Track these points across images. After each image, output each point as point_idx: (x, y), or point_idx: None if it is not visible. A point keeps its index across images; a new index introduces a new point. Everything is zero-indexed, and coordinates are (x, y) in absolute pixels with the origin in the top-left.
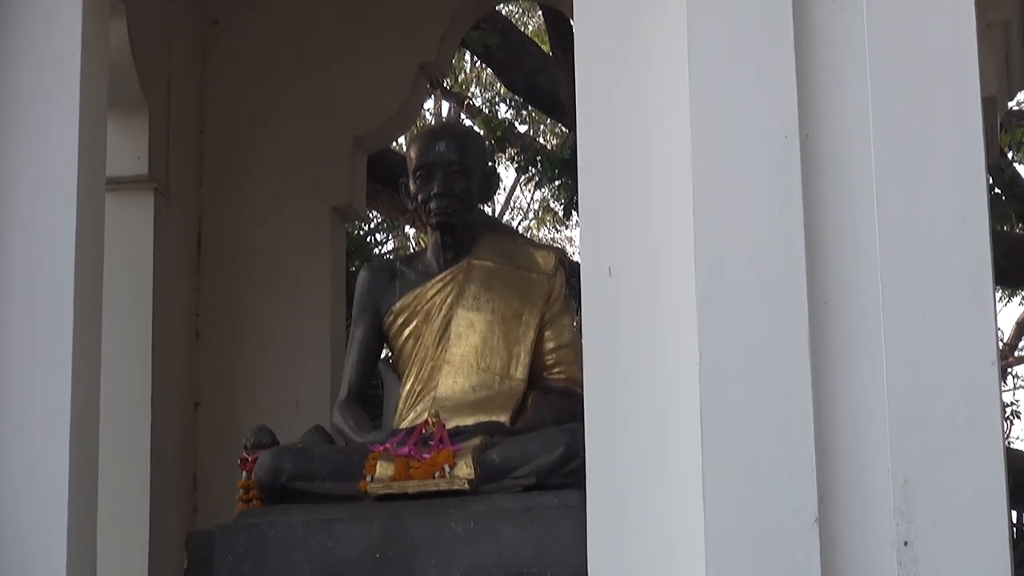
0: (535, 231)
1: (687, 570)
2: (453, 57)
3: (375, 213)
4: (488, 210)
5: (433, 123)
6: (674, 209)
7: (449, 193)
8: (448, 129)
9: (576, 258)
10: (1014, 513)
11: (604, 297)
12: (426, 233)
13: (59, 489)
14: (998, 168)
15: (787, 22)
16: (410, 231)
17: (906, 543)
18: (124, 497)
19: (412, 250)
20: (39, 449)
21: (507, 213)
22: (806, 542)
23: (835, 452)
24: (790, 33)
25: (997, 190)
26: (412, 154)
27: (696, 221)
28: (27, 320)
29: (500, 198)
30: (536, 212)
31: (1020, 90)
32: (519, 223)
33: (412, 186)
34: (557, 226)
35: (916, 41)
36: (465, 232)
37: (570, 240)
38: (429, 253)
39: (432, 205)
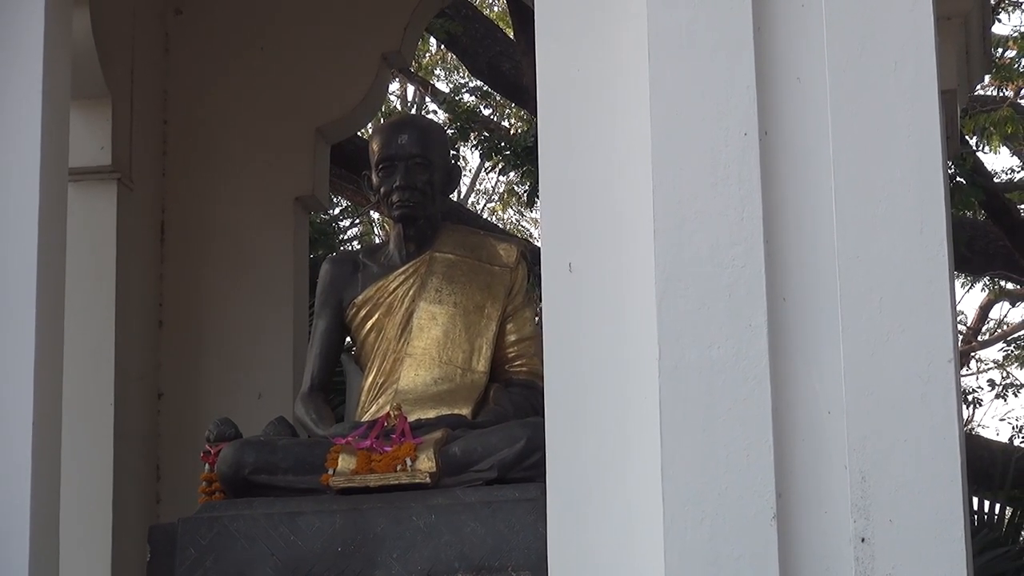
0: (500, 213)
1: (646, 564)
2: (416, 46)
3: (339, 199)
4: (453, 195)
5: (396, 113)
6: (634, 205)
7: (411, 186)
8: (411, 122)
9: (539, 242)
10: (975, 500)
11: (564, 293)
12: (390, 220)
13: (22, 479)
14: (959, 156)
15: (746, 18)
16: (375, 215)
17: (863, 539)
18: (87, 487)
19: (377, 235)
20: (1, 439)
21: (471, 196)
22: (764, 538)
23: (793, 448)
24: (749, 29)
25: (960, 178)
26: (374, 146)
27: (656, 217)
28: None
29: (464, 180)
30: (501, 195)
31: (980, 82)
32: (483, 206)
33: (375, 178)
34: (521, 209)
35: (874, 36)
36: (427, 224)
37: (534, 222)
38: (391, 245)
39: (394, 198)
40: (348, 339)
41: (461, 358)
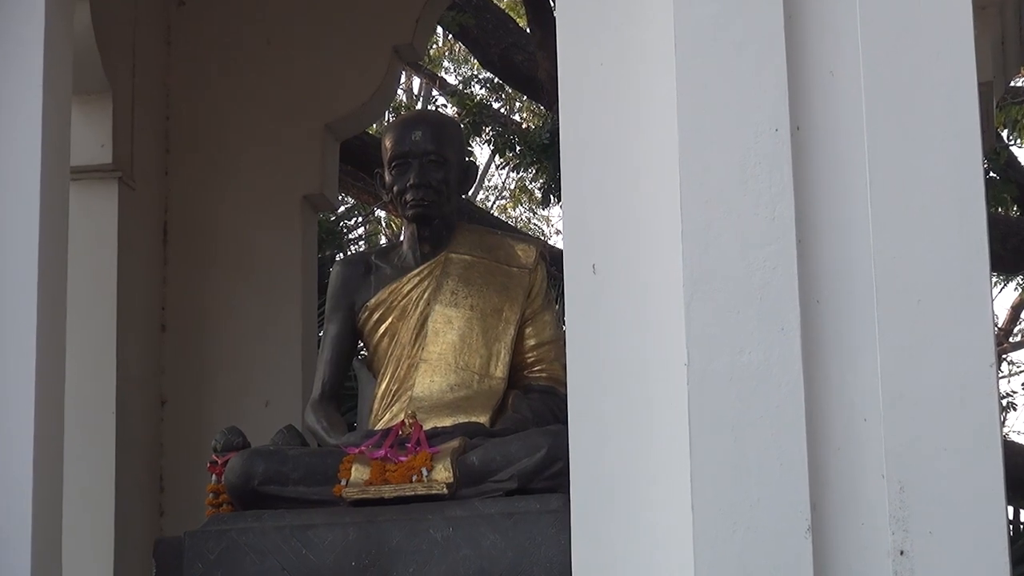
0: (510, 211)
1: None
2: (429, 39)
3: (346, 197)
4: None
5: (408, 108)
6: (660, 204)
7: (426, 184)
8: (425, 118)
9: (552, 241)
10: (1011, 509)
11: (588, 295)
12: (400, 218)
13: (23, 490)
14: (993, 151)
15: (777, 9)
16: (381, 214)
17: (902, 552)
18: (89, 498)
19: (383, 234)
20: (2, 449)
21: (480, 192)
22: (798, 551)
23: (828, 457)
24: (780, 20)
25: (992, 173)
26: (388, 143)
27: (683, 216)
28: None
29: None
30: (512, 192)
31: (1016, 73)
32: (493, 202)
33: (388, 176)
34: (533, 207)
35: (910, 26)
36: (442, 224)
37: (546, 220)
38: (405, 246)
39: (408, 196)
40: (360, 344)
41: (478, 363)
